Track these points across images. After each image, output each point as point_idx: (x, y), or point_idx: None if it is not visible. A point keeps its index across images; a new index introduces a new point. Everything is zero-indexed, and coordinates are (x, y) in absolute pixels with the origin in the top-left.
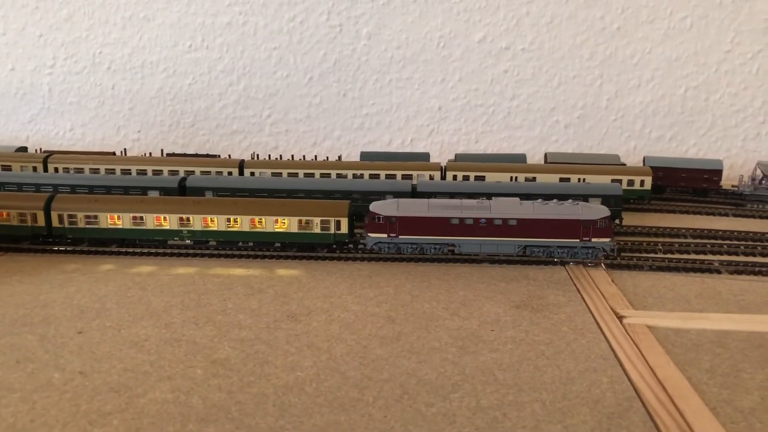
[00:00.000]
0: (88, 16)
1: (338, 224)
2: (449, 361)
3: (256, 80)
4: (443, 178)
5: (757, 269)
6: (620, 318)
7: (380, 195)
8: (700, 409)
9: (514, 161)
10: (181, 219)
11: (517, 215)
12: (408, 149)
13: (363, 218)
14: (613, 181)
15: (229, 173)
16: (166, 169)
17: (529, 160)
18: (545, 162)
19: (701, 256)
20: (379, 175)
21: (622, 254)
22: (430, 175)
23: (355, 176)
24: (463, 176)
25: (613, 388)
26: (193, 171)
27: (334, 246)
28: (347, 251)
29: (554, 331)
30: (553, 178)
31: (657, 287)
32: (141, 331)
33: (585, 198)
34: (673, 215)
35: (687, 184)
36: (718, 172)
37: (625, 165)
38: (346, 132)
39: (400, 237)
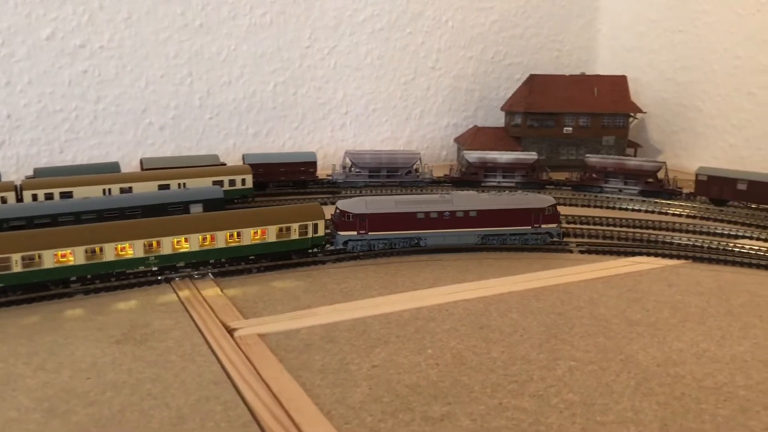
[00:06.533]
0: None
1: (315, 227)
2: None
3: None
4: (20, 199)
5: (356, 255)
6: (231, 332)
7: None
8: (315, 417)
9: (107, 171)
10: (146, 244)
11: (477, 207)
12: None
13: None
14: (214, 183)
15: None
16: None
17: (126, 168)
18: (141, 169)
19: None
20: None
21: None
22: (1, 198)
23: None
24: (45, 194)
25: (228, 416)
26: None
27: (309, 251)
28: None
29: (161, 363)
30: (151, 186)
31: (266, 289)
32: None
33: (186, 205)
34: None
35: (287, 178)
36: (313, 164)
37: (225, 164)
38: None
39: (369, 233)
